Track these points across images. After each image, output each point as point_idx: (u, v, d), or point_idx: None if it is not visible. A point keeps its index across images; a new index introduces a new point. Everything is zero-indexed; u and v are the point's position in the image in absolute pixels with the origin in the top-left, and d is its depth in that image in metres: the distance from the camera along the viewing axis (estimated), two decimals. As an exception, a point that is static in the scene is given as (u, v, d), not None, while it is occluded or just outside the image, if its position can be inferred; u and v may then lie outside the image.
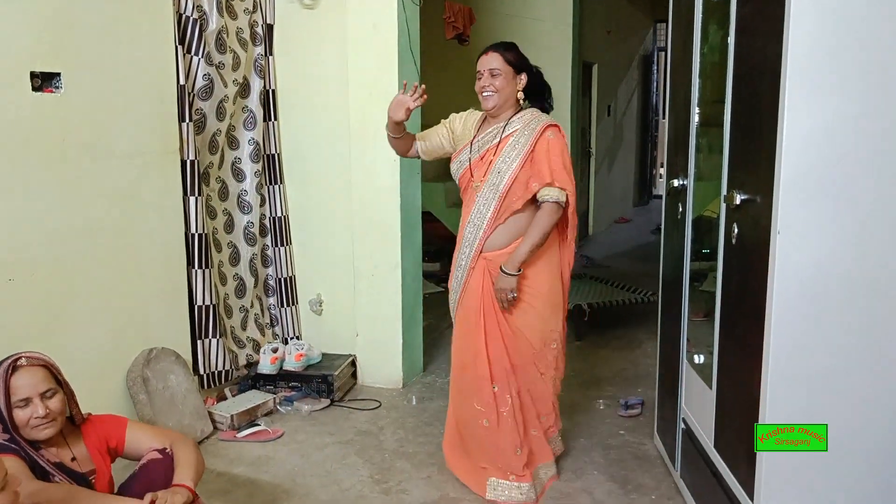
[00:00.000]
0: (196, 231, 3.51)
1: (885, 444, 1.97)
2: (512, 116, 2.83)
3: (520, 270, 2.74)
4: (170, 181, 3.43)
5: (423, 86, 2.80)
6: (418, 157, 3.09)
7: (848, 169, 1.87)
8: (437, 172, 7.01)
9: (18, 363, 2.06)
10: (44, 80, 2.82)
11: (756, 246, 2.04)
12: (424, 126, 3.40)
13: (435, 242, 6.83)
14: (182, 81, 3.41)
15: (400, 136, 2.96)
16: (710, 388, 2.45)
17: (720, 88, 2.34)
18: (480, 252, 2.82)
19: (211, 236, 3.70)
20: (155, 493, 2.02)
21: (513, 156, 2.76)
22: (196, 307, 3.58)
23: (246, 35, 3.80)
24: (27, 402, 2.03)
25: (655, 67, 11.77)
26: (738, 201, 2.12)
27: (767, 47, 1.93)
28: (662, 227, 3.18)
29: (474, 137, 2.87)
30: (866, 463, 2.00)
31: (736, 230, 2.19)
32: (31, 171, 2.79)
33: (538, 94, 2.93)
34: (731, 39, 2.21)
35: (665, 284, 3.15)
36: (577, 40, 7.44)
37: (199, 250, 3.53)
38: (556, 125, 2.81)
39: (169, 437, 2.32)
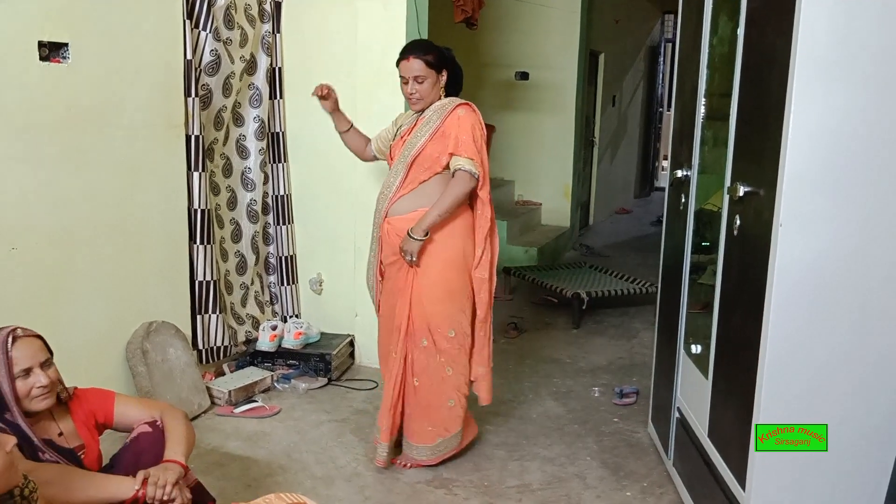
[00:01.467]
0: (199, 206, 3.52)
1: (880, 436, 1.98)
2: (432, 105, 2.97)
3: (426, 234, 2.84)
4: (174, 156, 3.43)
5: (326, 84, 3.11)
6: (375, 159, 3.29)
7: (853, 163, 1.88)
8: None
9: (16, 334, 2.05)
10: (51, 50, 2.82)
11: (757, 238, 2.05)
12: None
13: (435, 227, 6.84)
14: (189, 56, 3.40)
15: (345, 131, 3.25)
16: (707, 377, 2.47)
17: (728, 80, 2.34)
18: (386, 216, 2.97)
19: (213, 212, 3.71)
20: (147, 471, 2.00)
21: (423, 132, 2.90)
22: (197, 282, 3.59)
23: (254, 11, 3.79)
24: (28, 372, 2.01)
25: (662, 59, 11.73)
26: (741, 193, 2.13)
27: (777, 39, 1.93)
28: (664, 217, 3.19)
29: (399, 126, 3.08)
30: (860, 455, 2.02)
31: (738, 222, 2.20)
32: (37, 141, 2.79)
33: (455, 83, 3.04)
34: (741, 31, 2.21)
35: (665, 274, 3.16)
36: (585, 28, 7.42)
37: (201, 226, 3.54)
38: (467, 104, 2.91)
39: (158, 407, 2.30)
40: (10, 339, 2.01)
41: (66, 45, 2.85)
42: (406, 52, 2.93)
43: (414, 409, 3.04)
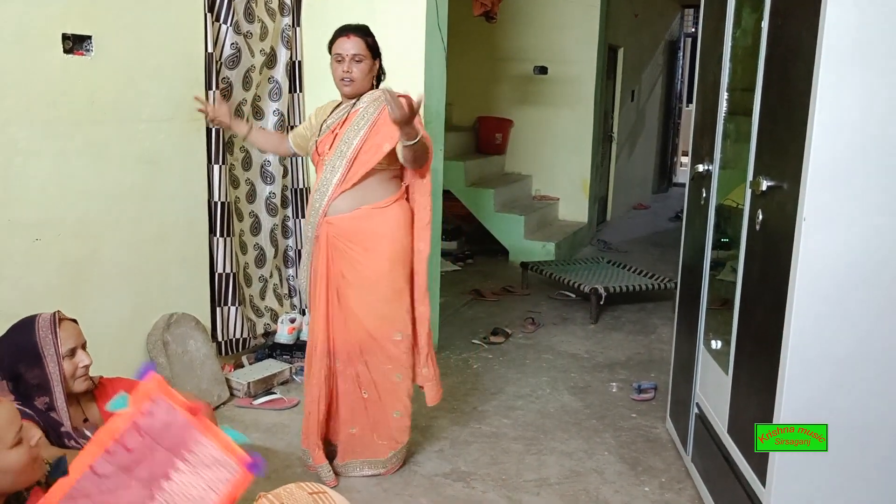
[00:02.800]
0: (219, 199, 3.53)
1: (901, 434, 1.97)
2: (362, 96, 2.83)
3: (417, 137, 2.54)
4: (194, 148, 3.45)
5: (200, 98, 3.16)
6: (295, 154, 3.23)
7: (878, 157, 1.86)
8: (457, 151, 7.03)
9: (61, 315, 2.11)
10: (75, 43, 2.84)
11: (780, 233, 2.03)
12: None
13: (452, 221, 6.85)
14: (210, 49, 3.41)
15: (247, 135, 3.18)
16: (727, 373, 2.46)
17: (750, 75, 2.32)
18: (325, 216, 2.79)
19: (233, 205, 3.73)
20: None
21: (361, 124, 2.75)
22: (216, 275, 3.61)
23: (274, 5, 3.80)
24: (73, 352, 2.08)
25: (681, 54, 11.65)
26: (764, 187, 2.11)
27: (802, 31, 1.91)
28: (685, 213, 3.18)
29: (324, 121, 2.89)
30: (883, 452, 2.00)
31: (760, 216, 2.18)
32: (59, 133, 2.82)
33: (379, 79, 2.92)
34: (765, 23, 2.19)
35: (685, 269, 3.14)
36: (604, 23, 7.38)
37: (221, 218, 3.56)
38: (405, 95, 2.63)
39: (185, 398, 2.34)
40: (56, 320, 2.06)
41: (90, 37, 2.88)
42: (345, 30, 2.79)
43: (364, 426, 2.90)
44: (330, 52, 2.81)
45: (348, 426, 2.92)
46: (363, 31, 2.80)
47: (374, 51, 2.82)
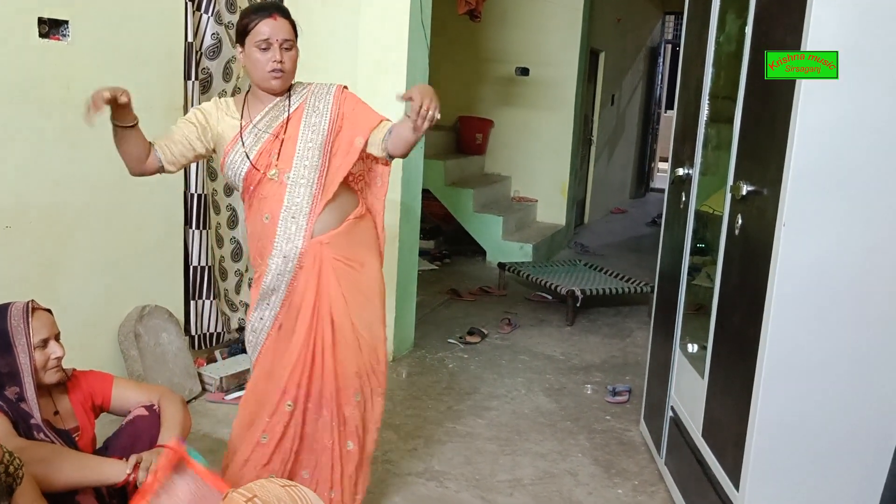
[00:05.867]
0: (195, 191, 3.49)
1: (877, 438, 1.98)
2: (290, 90, 2.35)
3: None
4: (172, 139, 3.40)
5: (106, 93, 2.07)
6: (162, 171, 2.31)
7: (858, 163, 1.88)
8: (437, 150, 7.01)
9: (34, 305, 2.06)
10: (51, 27, 2.79)
11: (760, 238, 2.04)
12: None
13: (430, 220, 6.84)
14: (190, 39, 3.37)
15: (132, 125, 2.21)
16: (703, 377, 2.46)
17: (733, 80, 2.33)
18: (311, 237, 2.30)
19: (210, 197, 3.68)
20: (139, 455, 1.99)
21: (316, 121, 2.31)
22: (191, 267, 3.56)
23: (257, -4, 3.76)
24: (45, 343, 2.04)
25: (661, 60, 11.72)
26: (744, 192, 2.12)
27: (786, 37, 1.92)
28: (663, 217, 3.18)
29: (244, 127, 2.30)
30: (856, 456, 2.01)
31: (740, 221, 2.19)
32: (34, 119, 2.77)
33: None
34: (749, 29, 2.20)
35: (662, 271, 3.15)
36: (587, 26, 7.40)
37: (197, 210, 3.51)
38: (344, 86, 2.43)
39: (157, 392, 2.29)
40: (29, 310, 2.01)
41: (66, 22, 2.83)
42: (267, 9, 2.23)
43: (347, 482, 2.44)
44: (242, 38, 2.25)
45: (301, 476, 2.44)
46: (286, 11, 2.29)
47: (296, 35, 2.31)
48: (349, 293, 2.37)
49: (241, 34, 2.26)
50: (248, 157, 2.27)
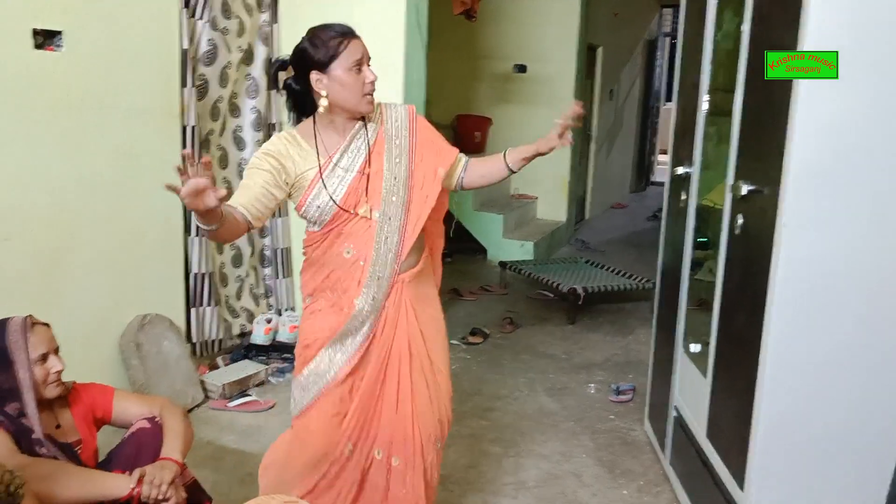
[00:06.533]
0: (194, 198, 3.48)
1: (881, 438, 1.97)
2: (363, 117, 2.13)
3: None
4: (170, 147, 3.39)
5: (206, 158, 1.80)
6: (250, 230, 2.03)
7: (858, 162, 1.86)
8: None
9: (33, 319, 2.05)
10: (45, 38, 2.78)
11: (761, 238, 2.03)
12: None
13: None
14: (185, 45, 3.36)
15: (222, 226, 1.81)
16: (706, 377, 2.46)
17: (731, 76, 2.32)
18: (397, 275, 2.16)
19: (209, 204, 3.67)
20: (143, 469, 1.98)
21: (400, 154, 2.14)
22: (192, 275, 3.56)
23: (251, 1, 3.74)
24: (45, 357, 2.03)
25: (659, 53, 11.70)
26: (744, 192, 2.11)
27: (784, 34, 1.90)
28: (664, 214, 3.17)
29: (324, 167, 2.07)
30: (860, 456, 2.01)
31: (740, 221, 2.18)
32: (31, 130, 2.76)
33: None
34: (746, 26, 2.18)
35: (664, 272, 3.14)
36: (584, 22, 7.38)
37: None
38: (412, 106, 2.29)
39: (158, 403, 2.28)
40: (27, 325, 2.00)
41: (61, 33, 2.82)
42: (347, 28, 2.06)
43: None
44: (329, 62, 2.00)
45: None
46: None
47: None
48: (426, 328, 2.25)
49: (330, 58, 2.00)
50: (334, 202, 2.06)
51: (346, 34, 2.03)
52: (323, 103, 2.02)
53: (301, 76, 2.06)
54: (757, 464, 2.03)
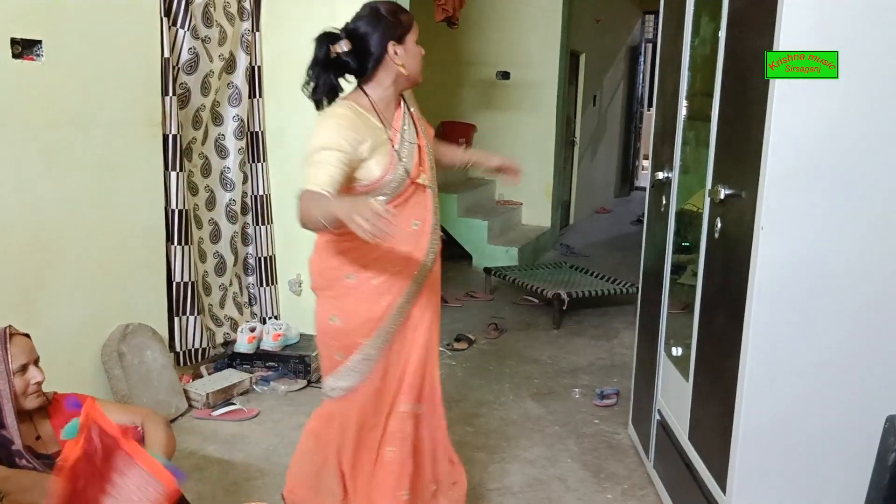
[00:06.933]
0: (176, 207, 3.47)
1: (861, 440, 1.98)
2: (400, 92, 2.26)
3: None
4: (152, 155, 3.38)
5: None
6: None
7: (834, 166, 1.88)
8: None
9: (12, 330, 2.05)
10: (24, 48, 2.77)
11: (739, 241, 2.05)
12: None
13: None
14: (167, 54, 3.35)
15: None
16: (687, 380, 2.47)
17: (709, 82, 2.34)
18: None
19: (192, 212, 3.66)
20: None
21: (420, 125, 2.30)
22: (175, 283, 3.54)
23: (233, 9, 3.74)
24: (25, 368, 2.02)
25: (642, 59, 11.77)
26: (722, 196, 2.13)
27: (759, 40, 1.93)
28: (645, 219, 3.19)
29: (393, 139, 2.16)
30: (840, 458, 2.02)
31: (719, 224, 2.20)
32: (11, 140, 2.74)
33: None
34: (723, 32, 2.21)
35: (646, 276, 3.16)
36: (566, 28, 7.42)
37: (179, 226, 3.49)
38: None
39: (139, 413, 2.28)
40: (7, 335, 1.99)
41: (40, 42, 2.80)
42: (407, 10, 2.20)
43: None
44: (405, 33, 2.14)
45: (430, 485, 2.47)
46: None
47: None
48: (434, 302, 2.37)
49: (405, 28, 2.14)
50: (407, 172, 2.15)
51: (409, 14, 2.18)
52: (402, 71, 2.14)
53: (374, 48, 2.12)
54: (738, 466, 2.05)
